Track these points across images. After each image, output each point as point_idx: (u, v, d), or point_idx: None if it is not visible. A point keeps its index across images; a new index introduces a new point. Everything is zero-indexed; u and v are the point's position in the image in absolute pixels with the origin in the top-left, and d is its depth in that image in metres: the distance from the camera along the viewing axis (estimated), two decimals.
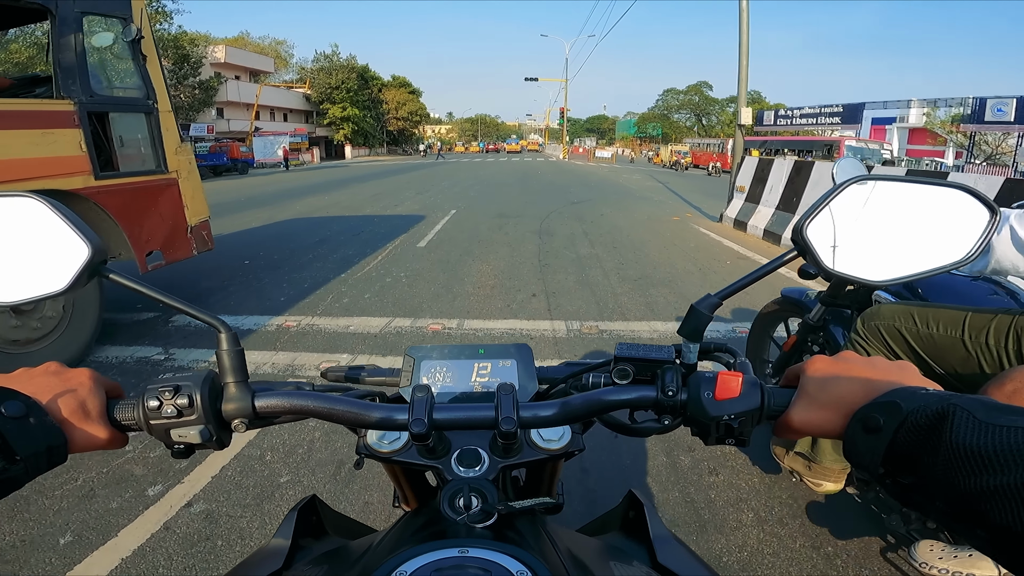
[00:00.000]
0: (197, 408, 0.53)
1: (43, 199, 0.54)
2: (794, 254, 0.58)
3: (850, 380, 0.50)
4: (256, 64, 43.85)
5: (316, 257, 6.79)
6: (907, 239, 0.56)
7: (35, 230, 0.54)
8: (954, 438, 0.38)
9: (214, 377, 0.56)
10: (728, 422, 0.53)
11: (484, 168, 31.23)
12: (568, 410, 0.55)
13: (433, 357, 0.66)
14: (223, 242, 6.35)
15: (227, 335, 0.56)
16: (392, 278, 5.68)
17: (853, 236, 0.56)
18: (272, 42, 56.79)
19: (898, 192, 0.56)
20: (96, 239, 0.54)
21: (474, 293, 5.13)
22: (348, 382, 0.74)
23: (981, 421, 0.38)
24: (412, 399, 0.54)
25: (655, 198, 14.21)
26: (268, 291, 5.18)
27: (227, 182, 23.07)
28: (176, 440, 0.54)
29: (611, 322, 4.29)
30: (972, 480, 0.37)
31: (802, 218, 0.56)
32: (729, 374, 0.54)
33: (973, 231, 0.54)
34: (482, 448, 0.60)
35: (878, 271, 0.57)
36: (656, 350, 0.60)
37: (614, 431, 0.65)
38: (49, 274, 0.54)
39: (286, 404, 0.56)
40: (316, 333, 4.07)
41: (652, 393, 0.57)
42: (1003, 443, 0.36)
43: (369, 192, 15.64)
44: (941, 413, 0.40)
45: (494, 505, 0.54)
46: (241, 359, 0.57)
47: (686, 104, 68.10)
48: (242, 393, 0.56)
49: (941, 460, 0.39)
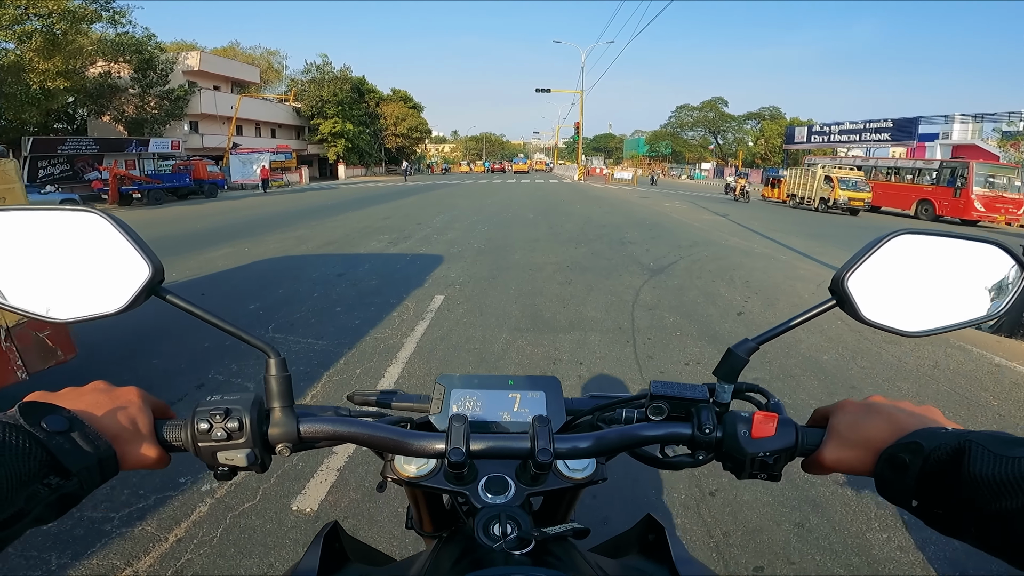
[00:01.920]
0: (246, 432, 0.54)
1: (106, 215, 0.53)
2: (832, 303, 0.59)
3: (879, 421, 0.53)
4: (238, 73, 39.34)
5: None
6: (942, 292, 0.58)
7: (97, 247, 0.53)
8: (972, 470, 0.42)
9: (261, 401, 0.57)
10: (764, 459, 0.56)
11: (491, 193, 26.21)
12: (604, 443, 0.58)
13: (463, 387, 0.67)
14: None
15: (276, 361, 0.57)
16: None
17: (890, 287, 0.58)
18: (264, 52, 52.66)
19: (936, 246, 0.58)
20: (157, 259, 0.54)
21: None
22: (378, 407, 0.75)
23: (995, 454, 0.42)
24: (450, 428, 0.55)
25: (778, 256, 9.21)
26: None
27: (186, 208, 20.47)
28: (222, 462, 0.54)
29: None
30: (994, 504, 0.41)
31: (843, 269, 0.58)
32: (765, 414, 0.57)
33: (1005, 286, 0.57)
34: (508, 476, 0.61)
35: (912, 322, 0.58)
36: (691, 389, 0.62)
37: (645, 463, 0.67)
38: (107, 292, 0.54)
39: (330, 430, 0.58)
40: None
41: (687, 430, 0.60)
42: (1016, 471, 0.41)
43: (322, 236, 10.68)
44: (959, 449, 0.44)
45: (530, 532, 0.54)
46: (288, 385, 0.58)
47: (700, 121, 64.03)
48: (288, 418, 0.57)
49: (965, 490, 0.43)
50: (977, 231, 17.34)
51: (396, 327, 4.93)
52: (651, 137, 72.92)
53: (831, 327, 4.99)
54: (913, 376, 4.03)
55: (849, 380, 3.94)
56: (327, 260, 8.21)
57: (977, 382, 3.94)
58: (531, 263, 8.00)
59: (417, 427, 0.68)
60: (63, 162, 25.30)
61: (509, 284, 6.64)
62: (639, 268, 7.74)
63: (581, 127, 43.87)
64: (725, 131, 64.24)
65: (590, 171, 49.22)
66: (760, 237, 11.68)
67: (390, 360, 4.14)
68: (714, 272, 7.53)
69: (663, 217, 15.29)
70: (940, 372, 4.11)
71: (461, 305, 5.69)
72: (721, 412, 0.61)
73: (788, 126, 50.28)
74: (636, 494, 2.53)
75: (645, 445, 0.61)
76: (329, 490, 2.59)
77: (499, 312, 5.47)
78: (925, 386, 3.84)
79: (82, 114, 29.92)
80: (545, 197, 22.84)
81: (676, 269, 7.70)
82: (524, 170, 67.49)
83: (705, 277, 7.21)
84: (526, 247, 9.51)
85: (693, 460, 0.61)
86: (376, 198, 22.22)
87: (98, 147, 26.41)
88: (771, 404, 0.62)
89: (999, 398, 3.69)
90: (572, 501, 0.77)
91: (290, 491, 2.56)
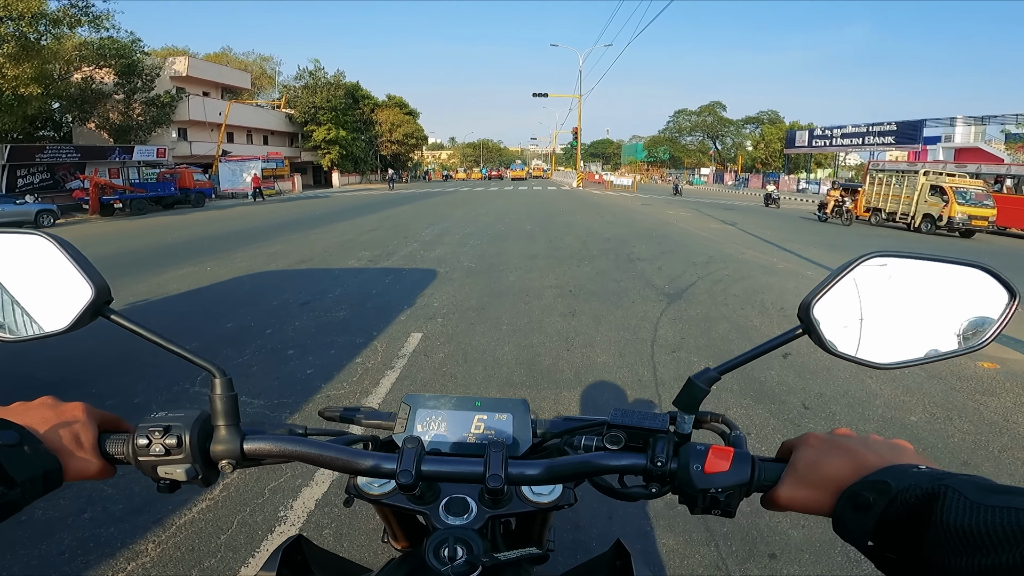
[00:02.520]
0: (185, 448, 0.54)
1: (51, 238, 0.54)
2: (799, 332, 0.57)
3: (841, 458, 0.50)
4: (228, 79, 38.35)
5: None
6: (919, 320, 0.54)
7: (41, 268, 0.54)
8: (945, 518, 0.38)
9: (206, 418, 0.57)
10: (715, 495, 0.53)
11: (486, 202, 25.21)
12: (555, 471, 0.56)
13: (430, 406, 0.68)
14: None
15: (222, 381, 0.58)
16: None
17: (862, 315, 0.55)
18: (257, 58, 51.80)
19: (913, 270, 0.54)
20: (101, 280, 0.55)
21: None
22: (343, 422, 0.77)
23: (973, 502, 0.38)
24: (402, 449, 0.55)
25: (805, 273, 8.16)
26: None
27: (166, 219, 19.69)
28: (162, 476, 0.56)
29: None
30: (963, 560, 0.36)
31: (810, 295, 0.56)
32: (720, 449, 0.55)
33: (990, 314, 0.52)
34: (471, 497, 0.61)
35: (886, 353, 0.55)
36: (651, 418, 0.60)
37: (602, 492, 0.63)
38: (53, 313, 0.55)
39: (275, 448, 0.57)
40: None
41: (642, 461, 0.57)
42: (996, 524, 0.36)
43: (298, 252, 9.65)
44: (932, 493, 0.40)
45: (479, 556, 0.54)
46: (234, 403, 0.58)
47: (699, 125, 63.24)
48: (232, 436, 0.57)
49: (930, 539, 0.39)
50: (964, 252, 16.32)
51: (357, 380, 3.88)
52: (649, 142, 72.24)
53: (906, 375, 3.97)
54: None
55: (956, 452, 2.93)
56: (294, 283, 7.16)
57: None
58: (528, 287, 6.94)
59: (382, 445, 0.70)
60: (43, 171, 24.32)
61: (501, 316, 5.58)
62: (653, 292, 6.68)
63: (579, 132, 42.94)
64: (724, 136, 63.47)
65: (588, 177, 48.26)
66: (777, 249, 10.66)
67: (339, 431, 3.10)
68: (740, 296, 6.48)
69: (669, 227, 14.27)
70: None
71: (442, 347, 4.63)
72: (679, 443, 0.58)
73: (788, 130, 49.45)
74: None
75: (599, 475, 0.59)
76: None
77: (487, 357, 4.42)
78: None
79: (68, 121, 28.95)
80: (543, 206, 21.80)
81: (696, 293, 6.65)
82: (522, 177, 66.54)
83: (732, 303, 6.16)
84: (522, 266, 8.45)
85: (647, 492, 0.59)
86: (365, 207, 21.24)
87: (79, 155, 25.39)
88: (732, 437, 0.60)
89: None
90: (544, 524, 0.76)
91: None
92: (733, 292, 6.71)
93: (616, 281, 7.31)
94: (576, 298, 6.34)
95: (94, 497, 2.57)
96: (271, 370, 4.03)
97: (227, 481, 2.72)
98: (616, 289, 6.82)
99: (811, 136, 44.68)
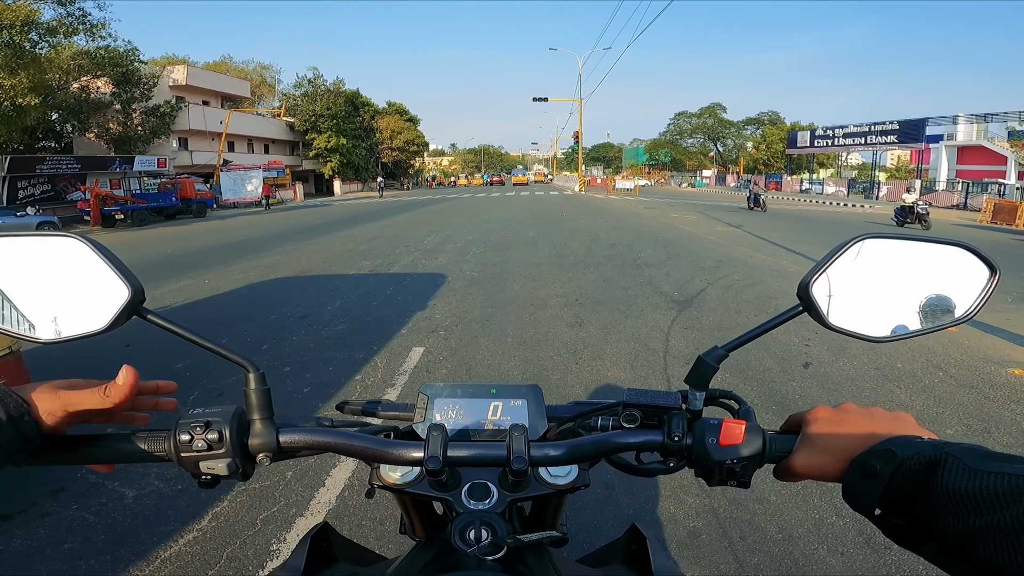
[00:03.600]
0: (226, 443, 0.55)
1: (85, 240, 0.56)
2: (799, 310, 0.59)
3: (851, 428, 0.53)
4: (228, 87, 38.35)
5: None
6: (909, 296, 0.58)
7: (77, 270, 0.56)
8: (945, 483, 0.41)
9: (242, 413, 0.58)
10: (731, 466, 0.56)
11: (488, 208, 25.03)
12: (577, 451, 0.58)
13: (446, 395, 0.69)
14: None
15: (255, 375, 0.58)
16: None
17: (856, 293, 0.58)
18: (257, 66, 51.89)
19: (899, 250, 0.58)
20: (136, 280, 0.56)
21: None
22: (364, 416, 0.77)
23: (971, 468, 0.40)
24: (428, 437, 0.56)
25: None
26: None
27: (168, 229, 19.55)
28: (204, 471, 0.56)
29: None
30: (961, 521, 0.39)
31: (808, 274, 0.58)
32: (733, 421, 0.57)
33: (973, 289, 0.56)
34: (491, 482, 0.63)
35: (879, 327, 0.58)
36: (663, 396, 0.62)
37: (620, 470, 0.65)
38: (90, 314, 0.56)
39: (309, 440, 0.59)
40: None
41: (658, 437, 0.59)
42: (991, 487, 0.38)
43: (297, 263, 9.45)
44: (934, 460, 0.43)
45: (503, 538, 0.56)
46: (267, 397, 0.59)
47: (699, 128, 62.96)
48: (267, 429, 0.58)
49: (933, 503, 0.42)
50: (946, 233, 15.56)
51: (355, 400, 3.70)
52: (650, 145, 71.89)
53: (936, 384, 3.75)
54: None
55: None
56: (292, 295, 6.98)
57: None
58: (533, 296, 6.74)
59: (402, 435, 0.70)
60: (44, 182, 24.25)
61: (506, 328, 5.38)
62: (663, 300, 6.47)
63: (580, 136, 42.81)
64: (725, 137, 63.13)
65: (591, 181, 48.05)
66: (786, 252, 10.43)
67: (334, 461, 2.91)
68: (753, 303, 6.27)
69: (674, 231, 14.05)
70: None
71: (444, 362, 4.44)
72: (692, 419, 0.60)
73: (790, 131, 49.16)
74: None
75: (618, 452, 0.61)
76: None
77: (492, 372, 4.22)
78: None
79: (68, 131, 28.92)
80: (546, 212, 21.60)
81: (707, 299, 6.44)
82: (523, 182, 66.30)
83: (745, 310, 5.95)
84: (526, 274, 8.26)
85: (665, 467, 0.61)
86: (366, 216, 21.09)
87: (79, 165, 25.31)
88: (742, 411, 0.63)
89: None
90: (559, 507, 0.77)
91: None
92: (745, 298, 6.50)
93: (624, 289, 7.10)
94: (583, 307, 6.14)
95: (74, 527, 2.42)
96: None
97: (216, 510, 2.55)
98: (624, 297, 6.61)
99: (813, 136, 44.35)
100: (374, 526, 2.41)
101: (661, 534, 2.31)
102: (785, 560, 2.13)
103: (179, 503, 2.58)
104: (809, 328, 5.09)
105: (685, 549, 2.21)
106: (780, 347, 4.64)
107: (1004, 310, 5.75)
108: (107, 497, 2.65)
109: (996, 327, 5.18)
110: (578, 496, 0.96)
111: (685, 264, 8.87)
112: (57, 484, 2.74)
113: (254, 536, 2.36)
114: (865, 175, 45.39)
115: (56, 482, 2.76)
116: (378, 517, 2.47)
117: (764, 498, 2.50)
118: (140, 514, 2.51)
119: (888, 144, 38.62)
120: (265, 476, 2.79)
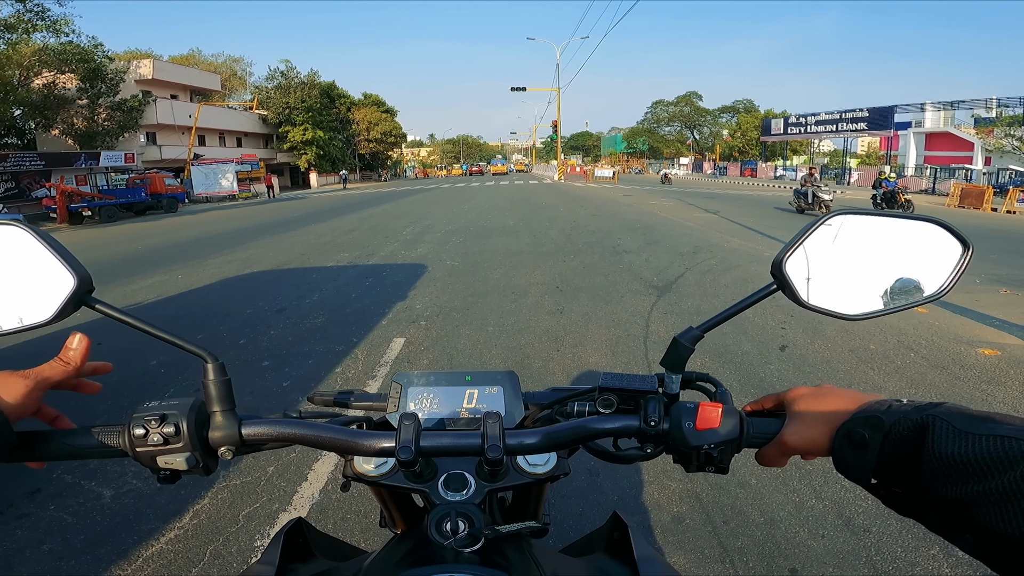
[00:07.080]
0: (183, 436, 0.53)
1: (28, 227, 0.53)
2: (773, 288, 0.58)
3: (835, 399, 0.52)
4: (196, 81, 37.41)
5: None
6: (883, 273, 0.57)
7: (19, 260, 0.53)
8: (937, 448, 0.40)
9: (201, 405, 0.56)
10: (708, 451, 0.55)
11: (468, 197, 24.88)
12: (553, 438, 0.57)
13: (420, 384, 0.67)
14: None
15: (214, 365, 0.56)
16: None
17: (830, 270, 0.57)
18: (227, 59, 50.64)
19: (873, 226, 0.57)
20: (83, 269, 0.54)
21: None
22: (336, 407, 0.75)
23: (960, 431, 0.39)
24: (400, 426, 0.54)
25: None
26: None
27: (138, 225, 19.03)
28: (162, 466, 0.54)
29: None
30: (958, 487, 0.38)
31: (781, 252, 0.57)
32: (709, 405, 0.56)
33: (947, 265, 0.55)
34: (468, 472, 0.61)
35: (854, 305, 0.57)
36: (639, 380, 0.61)
37: (597, 457, 0.63)
38: (34, 305, 0.54)
39: (273, 432, 0.57)
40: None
41: (635, 423, 0.58)
42: (983, 451, 0.37)
43: (274, 256, 9.31)
44: (921, 424, 0.42)
45: (480, 529, 0.55)
46: (228, 388, 0.57)
47: (676, 116, 63.31)
48: (229, 421, 0.56)
49: (926, 470, 0.40)
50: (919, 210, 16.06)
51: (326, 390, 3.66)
52: (628, 134, 72.08)
53: (908, 365, 3.85)
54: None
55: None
56: (269, 289, 6.86)
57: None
58: (513, 284, 6.73)
59: (375, 426, 0.69)
60: (7, 180, 23.49)
61: (487, 317, 5.37)
62: (642, 285, 6.51)
63: (559, 125, 42.75)
64: (701, 125, 63.63)
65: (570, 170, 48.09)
66: (761, 236, 10.59)
67: (316, 455, 2.88)
68: (730, 287, 6.35)
69: (652, 217, 14.15)
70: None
71: (426, 352, 4.41)
72: (669, 403, 0.59)
73: (764, 118, 49.70)
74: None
75: (595, 439, 0.60)
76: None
77: (474, 361, 4.21)
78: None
79: (31, 128, 27.97)
80: (526, 200, 21.56)
81: (685, 284, 6.50)
82: (503, 171, 66.17)
83: (723, 294, 6.02)
84: (507, 262, 8.24)
85: (643, 454, 0.60)
86: (345, 208, 20.82)
87: (44, 162, 24.57)
88: (719, 394, 0.62)
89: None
90: (540, 496, 0.76)
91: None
92: (723, 283, 6.58)
93: (603, 275, 7.13)
94: (563, 294, 6.15)
95: (53, 528, 2.37)
96: (246, 384, 3.78)
97: (198, 507, 2.51)
98: (604, 284, 6.64)
99: (786, 124, 44.88)
100: (359, 519, 2.40)
101: (646, 520, 2.32)
102: (767, 543, 2.17)
103: (159, 501, 2.54)
104: (785, 311, 5.19)
105: (669, 534, 2.24)
106: (757, 330, 4.71)
107: (973, 291, 5.92)
108: (84, 497, 2.59)
109: (965, 308, 5.32)
110: (563, 484, 1.00)
111: (663, 250, 8.95)
112: (33, 485, 2.67)
113: (237, 532, 2.33)
114: (836, 161, 46.17)
115: (32, 483, 2.69)
116: (363, 510, 2.45)
117: (745, 482, 2.54)
118: (119, 513, 2.46)
119: (858, 131, 39.25)
120: (246, 472, 2.75)
